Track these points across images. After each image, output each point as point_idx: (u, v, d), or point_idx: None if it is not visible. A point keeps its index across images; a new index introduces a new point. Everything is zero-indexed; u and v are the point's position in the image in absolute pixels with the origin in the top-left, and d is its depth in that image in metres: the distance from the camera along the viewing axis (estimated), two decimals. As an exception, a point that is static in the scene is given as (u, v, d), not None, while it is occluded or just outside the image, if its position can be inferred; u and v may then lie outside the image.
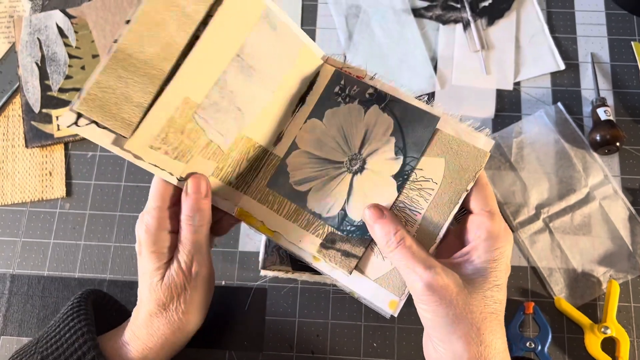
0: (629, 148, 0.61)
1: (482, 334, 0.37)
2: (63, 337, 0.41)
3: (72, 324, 0.42)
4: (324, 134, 0.45)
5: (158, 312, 0.42)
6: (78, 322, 0.42)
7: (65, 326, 0.42)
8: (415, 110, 0.43)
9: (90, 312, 0.44)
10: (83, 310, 0.43)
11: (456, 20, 0.67)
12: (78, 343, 0.40)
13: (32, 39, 0.67)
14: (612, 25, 0.67)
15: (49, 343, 0.41)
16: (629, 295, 0.56)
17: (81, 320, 0.42)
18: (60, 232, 0.61)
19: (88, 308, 0.44)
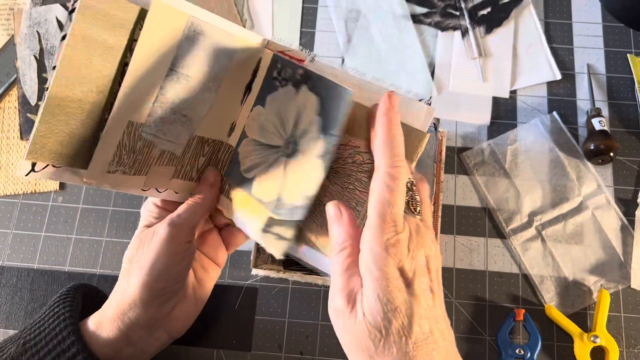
0: (622, 159, 0.62)
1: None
2: (46, 322, 0.41)
3: (57, 310, 0.42)
4: (265, 120, 0.45)
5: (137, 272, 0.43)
6: (63, 308, 0.42)
7: (50, 312, 0.42)
8: (332, 86, 0.41)
9: (77, 301, 0.44)
10: (70, 299, 0.43)
11: (455, 28, 0.68)
12: (59, 327, 0.40)
13: (32, 32, 0.67)
14: (608, 38, 0.67)
15: (32, 328, 0.41)
16: (620, 305, 0.57)
17: (66, 307, 0.42)
18: (51, 225, 0.60)
19: (76, 297, 0.44)
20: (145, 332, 0.43)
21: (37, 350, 0.39)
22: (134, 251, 0.43)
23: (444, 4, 0.69)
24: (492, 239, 0.59)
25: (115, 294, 0.43)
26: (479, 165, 0.61)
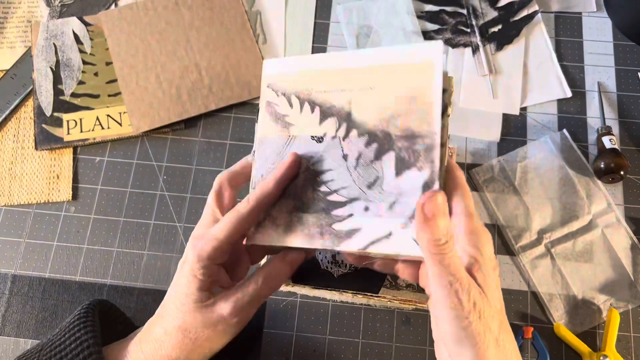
0: (633, 177, 0.62)
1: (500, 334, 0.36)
2: (68, 347, 0.40)
3: (79, 335, 0.40)
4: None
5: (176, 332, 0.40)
6: (85, 334, 0.41)
7: (70, 336, 0.41)
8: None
9: (96, 323, 0.43)
10: (90, 321, 0.42)
11: (465, 44, 0.68)
12: (83, 355, 0.39)
13: (48, 44, 0.68)
14: (619, 56, 0.67)
15: (52, 352, 0.40)
16: (629, 324, 0.56)
17: (87, 332, 0.41)
18: (63, 235, 0.61)
19: (95, 319, 0.43)
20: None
21: None
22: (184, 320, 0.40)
23: (455, 21, 0.69)
24: (501, 255, 0.59)
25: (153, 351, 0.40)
26: (489, 181, 0.61)
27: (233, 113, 0.66)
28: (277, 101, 0.44)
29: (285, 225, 0.42)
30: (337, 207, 0.41)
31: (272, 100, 0.44)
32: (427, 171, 0.39)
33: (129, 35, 0.68)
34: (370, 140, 0.41)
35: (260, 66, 0.67)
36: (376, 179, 0.40)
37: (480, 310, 0.35)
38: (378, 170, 0.40)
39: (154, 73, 0.66)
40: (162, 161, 0.64)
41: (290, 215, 0.42)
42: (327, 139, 0.42)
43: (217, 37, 0.68)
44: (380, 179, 0.40)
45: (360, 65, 0.42)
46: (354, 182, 0.41)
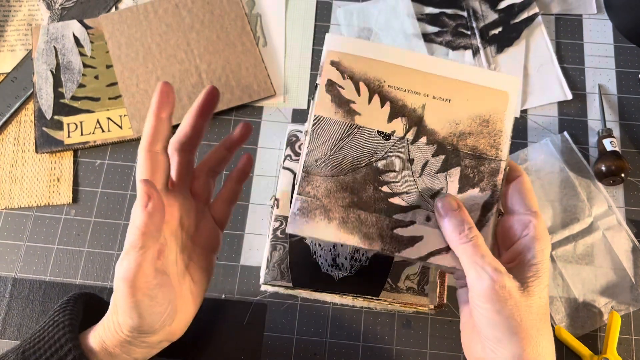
0: (634, 180, 0.62)
1: (540, 335, 0.38)
2: (46, 330, 0.41)
3: (56, 319, 0.42)
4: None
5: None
6: (62, 317, 0.42)
7: (50, 320, 0.42)
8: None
9: (77, 309, 0.44)
10: (70, 307, 0.43)
11: (466, 47, 0.68)
12: (58, 335, 0.40)
13: (49, 47, 0.68)
14: (620, 58, 0.67)
15: (33, 337, 0.42)
16: (630, 327, 0.56)
17: (65, 315, 0.42)
18: (64, 238, 0.61)
19: (76, 306, 0.44)
20: (147, 347, 0.43)
21: (36, 358, 0.40)
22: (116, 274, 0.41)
23: (456, 24, 0.69)
24: (501, 258, 0.59)
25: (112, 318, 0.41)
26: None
27: (233, 116, 0.66)
28: (342, 84, 0.42)
29: (341, 220, 0.40)
30: (399, 212, 0.41)
31: (336, 81, 0.42)
32: (488, 192, 0.41)
33: (130, 38, 0.68)
34: (438, 150, 0.42)
35: (261, 69, 0.67)
36: (439, 190, 0.41)
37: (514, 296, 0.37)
38: (442, 182, 0.41)
39: (154, 76, 0.66)
40: (163, 164, 0.64)
41: (347, 210, 0.41)
42: (395, 138, 0.41)
43: (217, 40, 0.68)
44: (444, 191, 0.41)
45: (440, 73, 0.42)
46: (418, 189, 0.41)
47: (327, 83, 0.42)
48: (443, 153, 0.41)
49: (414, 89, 0.42)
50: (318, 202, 0.40)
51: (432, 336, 0.56)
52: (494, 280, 0.37)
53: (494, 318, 0.37)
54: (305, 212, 0.40)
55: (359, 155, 0.41)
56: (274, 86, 0.67)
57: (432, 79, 0.42)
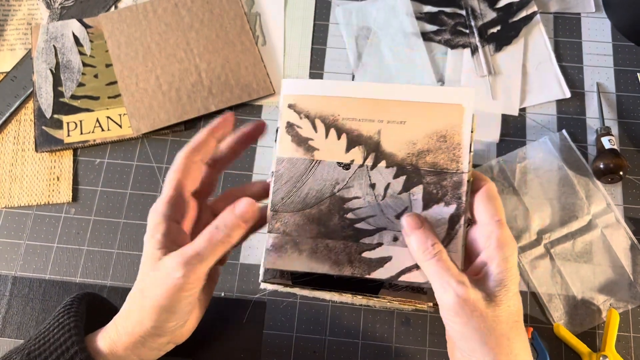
0: (632, 178, 0.62)
1: (512, 344, 0.38)
2: (51, 332, 0.41)
3: (61, 320, 0.42)
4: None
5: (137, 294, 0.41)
6: (67, 319, 0.42)
7: (54, 322, 0.42)
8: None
9: (82, 310, 0.44)
10: (75, 308, 0.43)
11: (464, 45, 0.68)
12: (64, 337, 0.40)
13: (48, 46, 0.68)
14: (618, 57, 0.68)
15: (37, 339, 0.42)
16: (629, 324, 0.56)
17: (70, 317, 0.42)
18: (64, 237, 0.61)
19: (80, 307, 0.44)
20: (156, 351, 0.43)
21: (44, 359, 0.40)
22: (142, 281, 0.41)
23: (454, 22, 0.69)
24: (500, 256, 0.59)
25: (126, 322, 0.41)
26: (488, 182, 0.62)
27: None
28: (299, 123, 0.44)
29: (310, 251, 0.43)
30: (366, 235, 0.43)
31: (294, 122, 0.44)
32: (454, 206, 0.42)
33: (129, 37, 0.68)
34: (398, 172, 0.43)
35: (260, 68, 0.67)
36: (404, 210, 0.42)
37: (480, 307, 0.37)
38: (406, 201, 0.42)
39: (153, 75, 0.67)
40: (162, 163, 0.64)
41: (315, 241, 0.43)
42: (354, 166, 0.43)
43: (217, 39, 0.68)
44: (409, 210, 0.43)
45: (391, 98, 0.43)
46: (382, 211, 0.43)
47: (287, 125, 0.44)
48: (403, 174, 0.43)
49: (368, 117, 0.43)
50: (288, 237, 0.43)
51: (431, 334, 0.57)
52: (458, 294, 0.37)
53: (462, 331, 0.38)
54: (277, 248, 0.43)
55: (322, 187, 0.43)
56: (273, 85, 0.67)
57: (385, 104, 0.43)
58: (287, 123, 0.44)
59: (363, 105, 0.44)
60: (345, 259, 0.42)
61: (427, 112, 0.43)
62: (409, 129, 0.43)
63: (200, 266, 0.39)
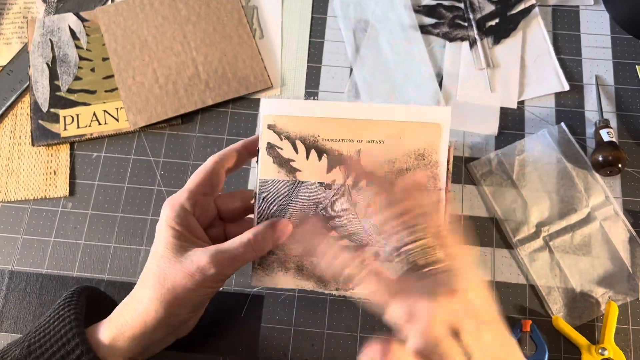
0: (631, 170, 0.62)
1: None
2: (51, 324, 0.41)
3: (62, 313, 0.42)
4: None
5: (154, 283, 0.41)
6: (67, 311, 0.42)
7: (55, 314, 0.42)
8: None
9: (81, 303, 0.44)
10: (75, 301, 0.43)
11: (463, 38, 0.68)
12: (64, 330, 0.40)
13: (45, 40, 0.68)
14: (617, 49, 0.67)
15: (37, 331, 0.42)
16: (628, 317, 0.56)
17: (71, 309, 0.42)
18: (61, 231, 0.61)
19: (80, 300, 0.44)
20: (160, 343, 0.43)
21: (42, 352, 0.40)
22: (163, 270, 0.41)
23: (452, 15, 0.69)
24: (499, 249, 0.59)
25: (135, 311, 0.41)
26: (487, 175, 0.61)
27: (230, 108, 0.66)
28: (280, 144, 0.45)
29: (296, 269, 0.44)
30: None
31: (275, 144, 0.45)
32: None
33: (126, 30, 0.68)
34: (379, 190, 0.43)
35: (258, 61, 0.67)
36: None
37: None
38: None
39: (150, 68, 0.66)
40: (160, 156, 0.64)
41: (300, 260, 0.44)
42: (336, 186, 0.44)
43: (214, 32, 0.68)
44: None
45: (371, 117, 0.44)
46: (364, 228, 0.44)
47: (267, 146, 0.45)
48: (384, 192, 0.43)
49: (348, 137, 0.44)
50: (274, 256, 0.44)
51: (430, 327, 0.56)
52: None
53: None
54: (264, 267, 0.45)
55: (305, 207, 0.44)
56: (270, 78, 0.66)
57: (364, 124, 0.44)
58: (268, 144, 0.45)
59: (342, 126, 0.44)
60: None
61: (405, 131, 0.44)
62: (388, 148, 0.44)
63: (231, 267, 0.40)
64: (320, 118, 0.44)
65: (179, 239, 0.41)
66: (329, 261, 0.40)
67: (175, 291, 0.40)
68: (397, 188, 0.42)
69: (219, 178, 0.45)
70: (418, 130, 0.43)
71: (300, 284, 0.44)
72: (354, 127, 0.44)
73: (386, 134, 0.44)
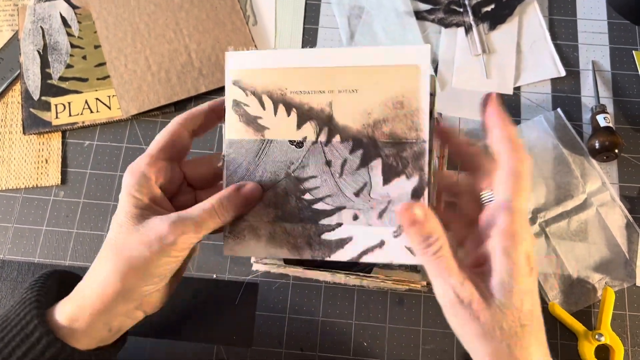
0: (627, 156, 0.61)
1: (513, 351, 0.34)
2: (14, 308, 0.40)
3: (25, 295, 0.40)
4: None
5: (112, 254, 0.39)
6: (30, 294, 0.40)
7: (19, 299, 0.41)
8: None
9: (49, 285, 0.42)
10: (40, 283, 0.41)
11: (458, 24, 0.67)
12: (24, 312, 0.38)
13: (36, 27, 0.67)
14: (614, 35, 0.67)
15: (2, 317, 0.40)
16: (625, 303, 0.56)
17: (34, 292, 0.40)
18: (52, 220, 0.60)
19: (47, 282, 0.42)
20: (124, 318, 0.41)
21: (3, 336, 0.38)
22: (121, 240, 0.39)
23: (448, 1, 0.69)
24: (495, 235, 0.58)
25: (93, 284, 0.39)
26: (483, 160, 0.61)
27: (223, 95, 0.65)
28: (246, 101, 0.41)
29: (269, 235, 0.41)
30: (324, 216, 0.40)
31: (240, 100, 0.41)
32: (416, 178, 0.38)
33: (117, 17, 0.67)
34: (355, 146, 0.39)
35: (251, 48, 0.66)
36: (363, 186, 0.39)
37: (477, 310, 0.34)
38: (365, 177, 0.39)
39: (143, 56, 0.65)
40: (152, 144, 0.63)
41: (273, 225, 0.41)
42: (308, 144, 0.40)
43: (207, 19, 0.67)
44: (368, 186, 0.39)
45: (341, 64, 0.40)
46: (340, 189, 0.40)
47: (233, 104, 0.41)
48: (360, 147, 0.39)
49: (318, 88, 0.40)
50: (245, 222, 0.41)
51: (426, 314, 0.56)
52: (453, 294, 0.34)
53: (460, 332, 0.36)
54: (235, 234, 0.41)
55: (276, 169, 0.41)
56: (264, 65, 0.66)
57: (335, 72, 0.40)
58: (234, 101, 0.41)
59: (311, 76, 0.40)
60: (303, 242, 0.40)
61: (380, 77, 0.39)
62: (362, 97, 0.39)
63: (192, 235, 0.38)
64: (287, 69, 0.40)
65: (139, 207, 0.39)
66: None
67: (132, 261, 0.37)
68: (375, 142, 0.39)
69: (182, 142, 0.42)
70: (394, 75, 0.39)
71: (272, 251, 0.41)
72: (324, 76, 0.40)
73: (359, 81, 0.39)
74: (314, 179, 0.40)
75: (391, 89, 0.39)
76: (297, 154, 0.40)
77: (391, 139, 0.39)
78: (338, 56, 0.40)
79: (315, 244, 0.40)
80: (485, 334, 0.34)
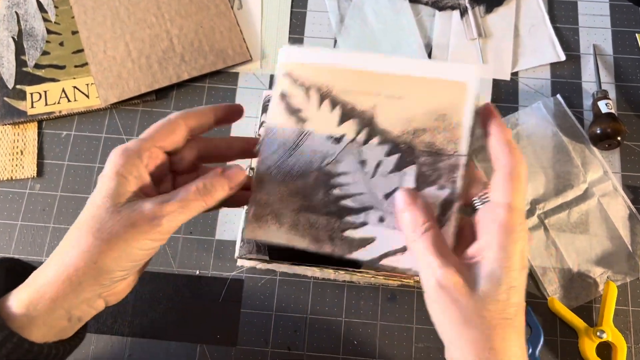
0: (630, 144, 0.59)
1: (493, 342, 0.34)
2: None
3: None
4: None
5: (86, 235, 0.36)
6: None
7: None
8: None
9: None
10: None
11: (453, 7, 0.65)
12: None
13: (10, 12, 0.64)
14: (616, 17, 0.64)
15: None
16: (627, 298, 0.54)
17: None
18: (28, 214, 0.58)
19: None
20: (86, 306, 0.39)
21: None
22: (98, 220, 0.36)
23: (442, -17, 0.66)
24: (491, 228, 0.56)
25: (59, 267, 0.37)
26: (479, 150, 0.58)
27: (207, 83, 0.62)
28: (293, 93, 0.42)
29: (291, 224, 0.41)
30: (350, 214, 0.41)
31: (288, 91, 0.42)
32: (448, 190, 0.39)
33: (96, 2, 0.64)
34: (392, 150, 0.41)
35: (236, 33, 0.63)
36: (394, 190, 0.40)
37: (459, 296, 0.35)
38: (397, 182, 0.40)
39: (122, 42, 0.63)
40: (133, 134, 0.61)
41: (297, 215, 0.41)
42: (345, 141, 0.41)
43: (190, 3, 0.64)
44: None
45: (390, 71, 0.41)
46: (370, 190, 0.41)
47: (280, 94, 0.43)
48: (397, 152, 0.41)
49: (364, 90, 0.42)
50: (270, 207, 0.41)
51: (419, 310, 0.54)
52: (436, 277, 0.35)
53: (439, 319, 0.36)
54: (258, 218, 0.41)
55: (310, 160, 0.42)
56: (249, 51, 0.63)
57: (383, 77, 0.42)
58: (281, 91, 0.43)
59: (360, 78, 0.42)
60: (326, 235, 0.41)
61: (427, 88, 0.41)
62: (406, 105, 0.41)
63: (178, 218, 0.37)
64: (337, 68, 0.42)
65: (125, 189, 0.37)
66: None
67: (112, 243, 0.36)
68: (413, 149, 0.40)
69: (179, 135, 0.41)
70: (441, 88, 0.40)
71: (293, 240, 0.41)
72: (372, 80, 0.41)
73: (406, 89, 0.41)
74: (345, 175, 0.41)
75: (436, 101, 0.40)
76: (333, 149, 0.41)
77: (429, 149, 0.40)
78: (389, 63, 0.42)
79: (337, 239, 0.41)
80: (465, 321, 0.34)
